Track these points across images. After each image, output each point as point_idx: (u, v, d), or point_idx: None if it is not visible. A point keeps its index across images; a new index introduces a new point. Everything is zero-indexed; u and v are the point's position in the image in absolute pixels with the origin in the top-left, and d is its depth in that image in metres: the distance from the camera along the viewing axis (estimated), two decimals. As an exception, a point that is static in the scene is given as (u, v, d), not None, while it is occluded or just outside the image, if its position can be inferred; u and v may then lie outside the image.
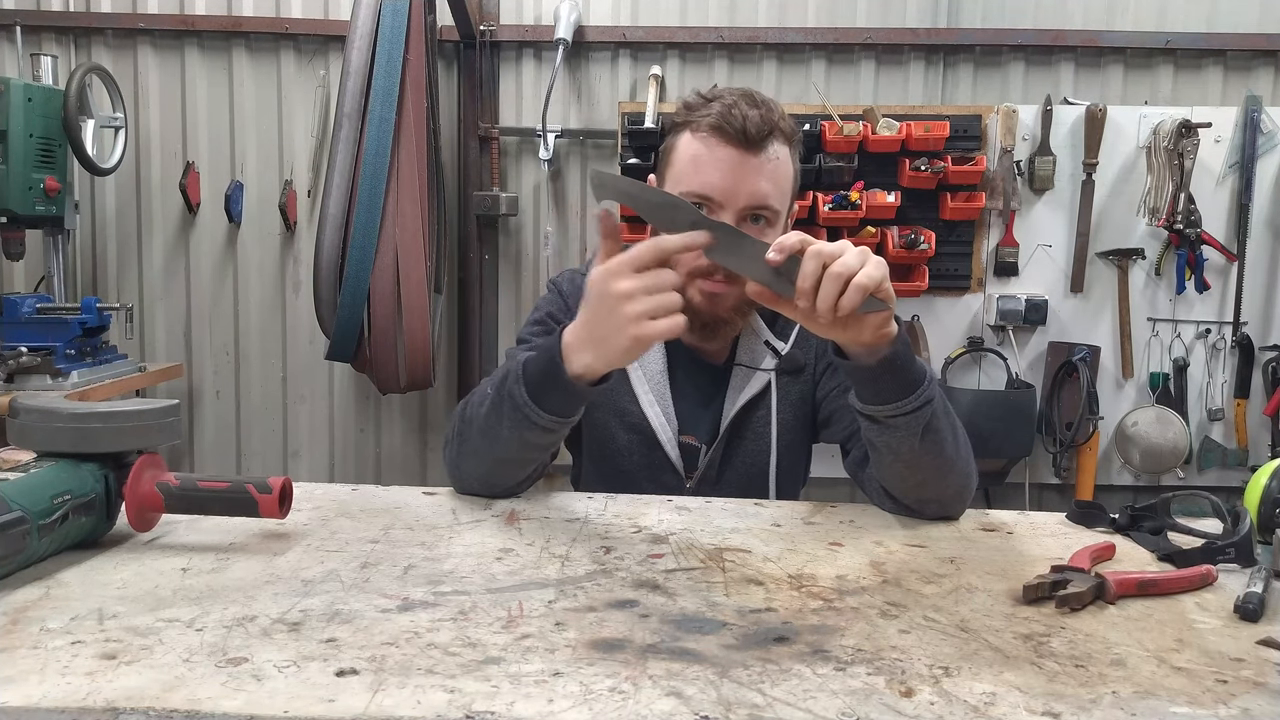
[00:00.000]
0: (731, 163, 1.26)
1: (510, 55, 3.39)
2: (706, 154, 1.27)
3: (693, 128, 1.29)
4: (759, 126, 1.26)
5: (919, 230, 3.11)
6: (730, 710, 0.65)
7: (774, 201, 1.29)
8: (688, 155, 1.29)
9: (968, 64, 3.35)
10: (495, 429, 1.16)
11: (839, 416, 1.36)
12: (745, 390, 1.39)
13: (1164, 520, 1.12)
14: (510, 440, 1.15)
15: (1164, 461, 3.27)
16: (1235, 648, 0.79)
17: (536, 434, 1.14)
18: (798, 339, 1.40)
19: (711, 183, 1.26)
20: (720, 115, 1.26)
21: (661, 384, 1.39)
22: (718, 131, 1.26)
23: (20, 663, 0.70)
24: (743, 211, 1.27)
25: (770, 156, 1.28)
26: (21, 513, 0.84)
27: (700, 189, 1.26)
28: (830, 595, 0.89)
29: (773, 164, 1.28)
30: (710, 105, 1.29)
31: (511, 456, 1.18)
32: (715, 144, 1.27)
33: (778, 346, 1.40)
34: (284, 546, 0.99)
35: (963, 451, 1.19)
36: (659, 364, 1.39)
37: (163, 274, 3.48)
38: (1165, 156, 3.12)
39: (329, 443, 3.54)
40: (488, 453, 1.18)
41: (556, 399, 1.10)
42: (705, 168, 1.26)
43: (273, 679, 0.68)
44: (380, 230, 2.83)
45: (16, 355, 2.61)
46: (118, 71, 3.21)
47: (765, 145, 1.27)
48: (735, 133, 1.25)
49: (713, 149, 1.27)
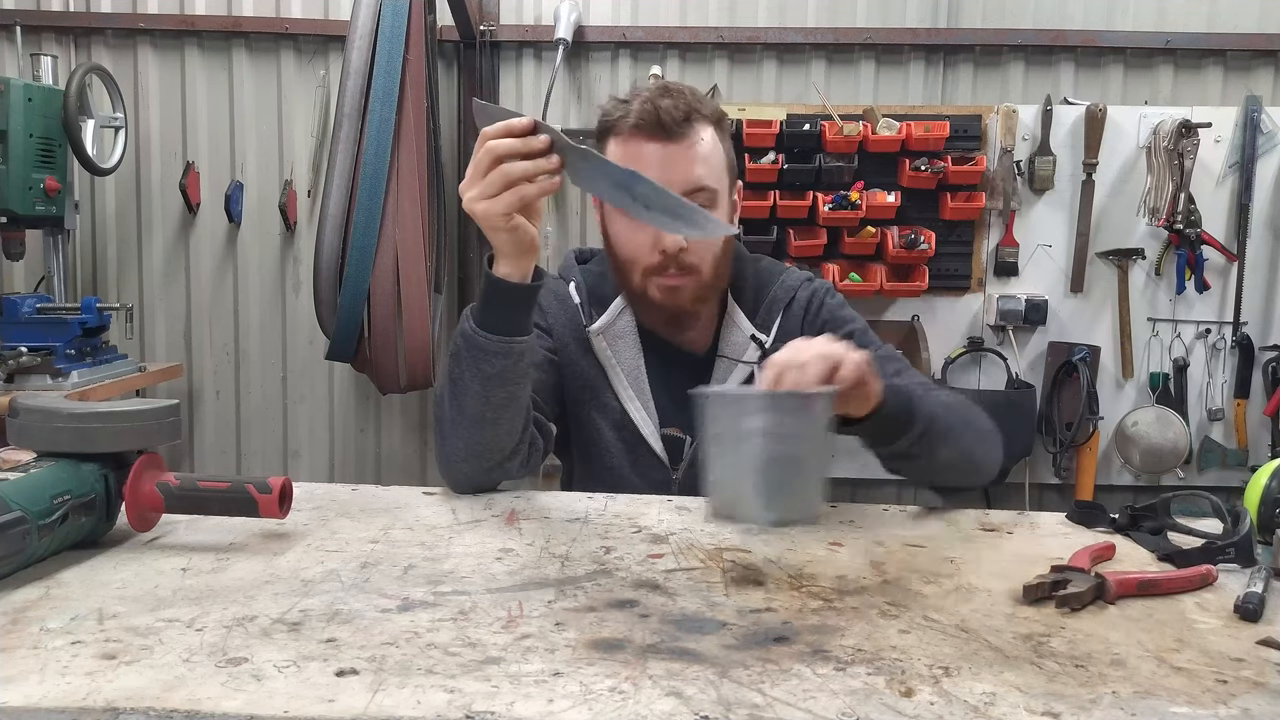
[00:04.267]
0: (658, 156, 1.28)
1: (510, 55, 3.39)
2: (632, 153, 1.29)
3: (615, 132, 1.32)
4: (674, 114, 1.28)
5: (919, 230, 3.12)
6: (730, 710, 0.65)
7: (709, 181, 1.31)
8: (617, 158, 1.31)
9: (968, 64, 3.36)
10: (459, 382, 1.18)
11: None
12: (728, 383, 1.40)
13: (1164, 520, 1.12)
14: (474, 384, 1.16)
15: (1164, 461, 3.27)
16: (1235, 648, 0.79)
17: (492, 363, 1.15)
18: (781, 332, 1.41)
19: None
20: (637, 113, 1.29)
21: (639, 378, 1.40)
22: (639, 130, 1.29)
23: (20, 663, 0.70)
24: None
25: (694, 140, 1.30)
26: (21, 513, 0.84)
27: None
28: (830, 595, 0.89)
29: (699, 145, 1.30)
30: (628, 105, 1.31)
31: (481, 405, 1.18)
32: (640, 142, 1.29)
33: (761, 339, 1.40)
34: (284, 546, 0.99)
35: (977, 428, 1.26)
36: (635, 359, 1.41)
37: (163, 274, 3.48)
38: (1165, 156, 3.12)
39: (329, 443, 3.54)
40: (459, 415, 1.19)
41: (496, 315, 1.14)
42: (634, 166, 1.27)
43: (273, 679, 0.68)
44: (380, 230, 2.83)
45: (16, 355, 2.61)
46: (118, 71, 3.21)
47: (687, 131, 1.29)
48: (653, 126, 1.28)
49: (639, 147, 1.29)
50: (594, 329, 1.40)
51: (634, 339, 1.41)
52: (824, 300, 1.45)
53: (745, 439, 0.94)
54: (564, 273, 1.49)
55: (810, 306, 1.44)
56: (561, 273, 1.50)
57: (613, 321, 1.41)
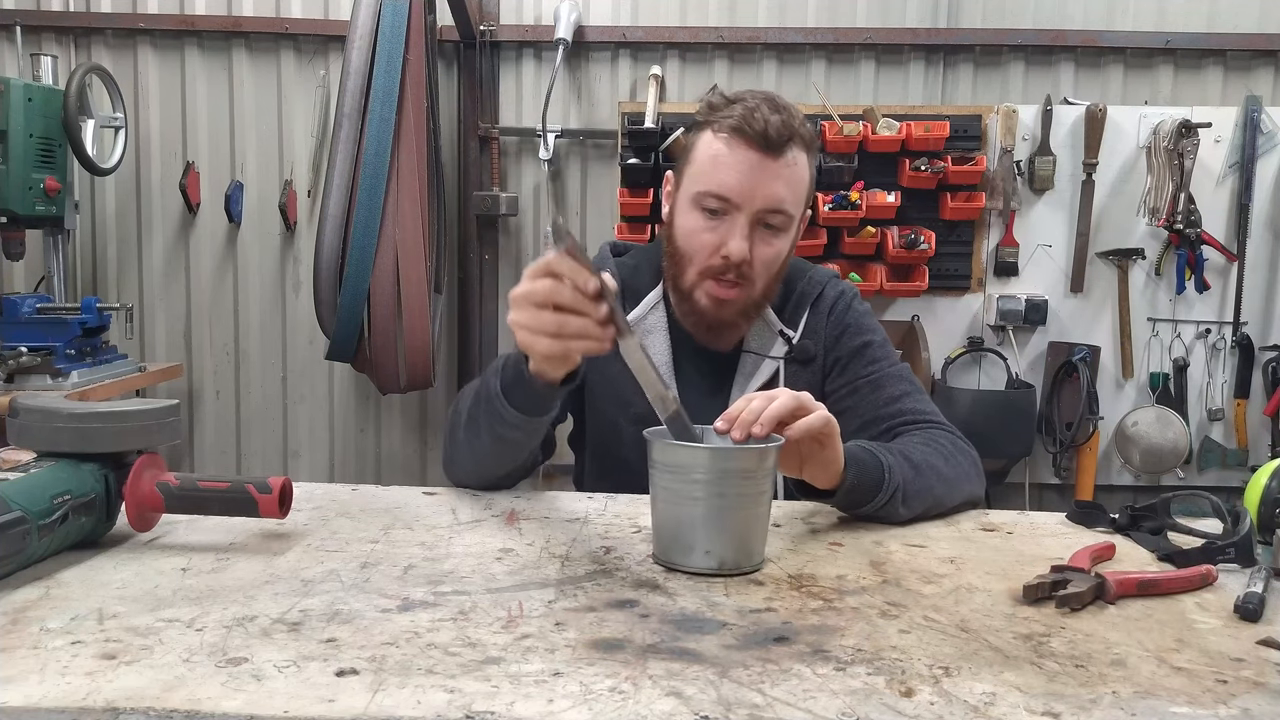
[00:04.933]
0: (750, 164, 1.26)
1: (510, 55, 3.40)
2: (726, 154, 1.27)
3: (714, 127, 1.29)
4: (780, 130, 1.26)
5: (919, 230, 3.12)
6: (730, 710, 0.65)
7: (789, 206, 1.29)
8: (708, 154, 1.29)
9: (968, 64, 3.36)
10: (476, 423, 1.19)
11: (847, 415, 1.36)
12: (754, 378, 1.39)
13: (1164, 520, 1.12)
14: (486, 436, 1.18)
15: (1164, 461, 3.27)
16: (1235, 648, 0.79)
17: (507, 430, 1.16)
18: (807, 329, 1.40)
19: (729, 183, 1.27)
20: (742, 117, 1.26)
21: (667, 374, 1.39)
22: (738, 133, 1.27)
23: (20, 663, 0.70)
24: (758, 214, 1.28)
25: (789, 161, 1.28)
26: (21, 513, 0.84)
27: (717, 188, 1.27)
28: (830, 595, 0.89)
29: (790, 169, 1.29)
30: (733, 106, 1.29)
31: (490, 452, 1.21)
32: (735, 145, 1.27)
33: (788, 334, 1.40)
34: (284, 546, 0.99)
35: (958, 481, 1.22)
36: (664, 354, 1.39)
37: (163, 274, 3.48)
38: (1165, 156, 3.12)
39: (329, 443, 3.55)
40: (469, 447, 1.22)
41: (522, 396, 1.12)
42: (724, 168, 1.27)
43: (273, 679, 0.68)
44: (380, 230, 2.83)
45: (16, 355, 2.61)
46: (118, 71, 3.21)
47: (785, 150, 1.27)
48: (756, 135, 1.26)
49: (733, 149, 1.27)
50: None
51: (664, 334, 1.40)
52: (850, 304, 1.44)
53: (688, 488, 0.95)
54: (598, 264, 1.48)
55: (836, 306, 1.43)
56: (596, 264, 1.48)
57: (644, 316, 1.41)
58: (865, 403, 1.35)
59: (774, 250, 1.31)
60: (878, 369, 1.37)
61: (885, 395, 1.35)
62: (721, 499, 0.94)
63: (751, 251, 1.28)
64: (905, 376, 1.38)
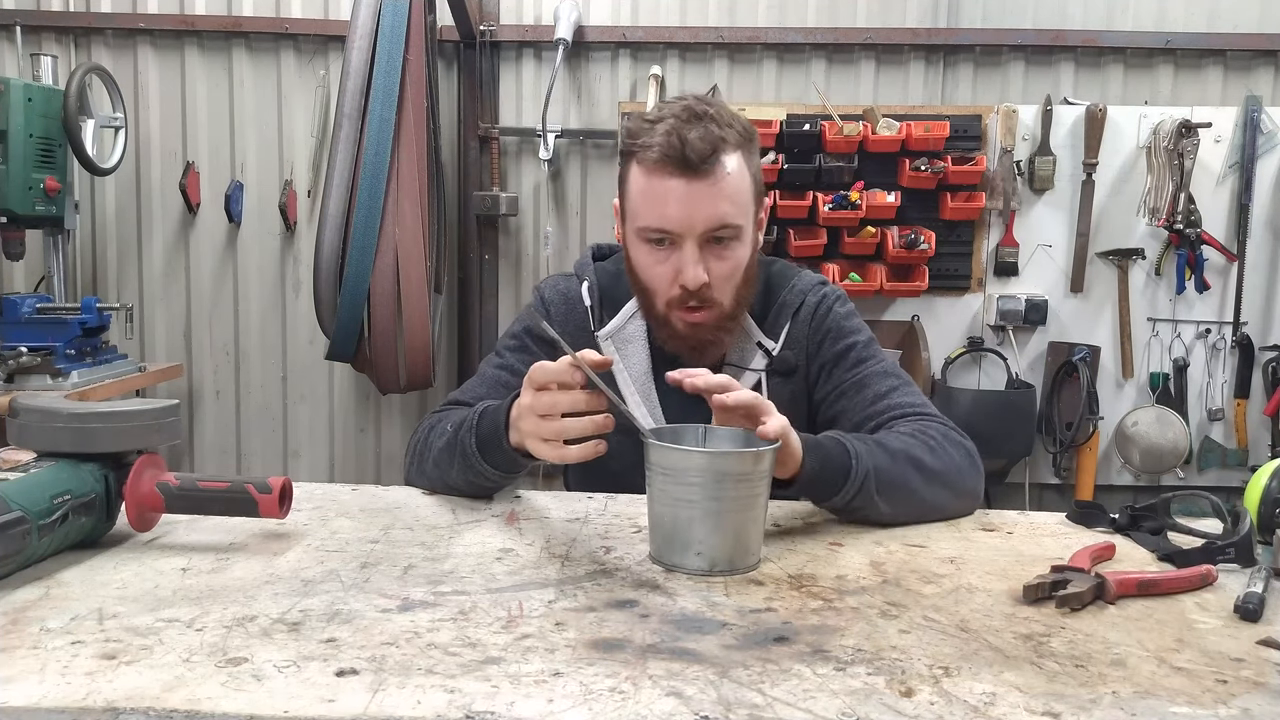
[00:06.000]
0: (680, 193, 1.23)
1: (510, 55, 3.40)
2: (655, 187, 1.24)
3: (638, 159, 1.26)
4: (700, 149, 1.22)
5: (919, 230, 3.12)
6: (730, 710, 0.65)
7: (733, 218, 1.26)
8: (638, 189, 1.27)
9: (968, 64, 3.36)
10: (448, 466, 1.22)
11: (838, 420, 1.35)
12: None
13: (1164, 520, 1.12)
14: (460, 480, 1.22)
15: (1164, 461, 3.27)
16: (1235, 648, 0.79)
17: (483, 480, 1.20)
18: (789, 339, 1.39)
19: (665, 215, 1.24)
20: (661, 147, 1.23)
21: (646, 384, 1.38)
22: (663, 164, 1.23)
23: (20, 663, 0.70)
24: (703, 236, 1.25)
25: (720, 175, 1.24)
26: (21, 513, 0.84)
27: (657, 223, 1.25)
28: (830, 595, 0.89)
29: (724, 181, 1.24)
30: (653, 130, 1.25)
31: (463, 490, 1.24)
32: (661, 175, 1.24)
33: (768, 346, 1.39)
34: (284, 546, 0.99)
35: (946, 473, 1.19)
36: (643, 365, 1.39)
37: (163, 274, 3.48)
38: (1165, 156, 3.12)
39: (329, 443, 3.54)
40: (440, 479, 1.25)
41: (499, 458, 1.15)
42: (656, 202, 1.24)
43: (273, 679, 0.68)
44: (380, 230, 2.83)
45: (16, 355, 2.61)
46: (118, 71, 3.21)
47: (713, 166, 1.23)
48: (677, 162, 1.22)
49: (660, 181, 1.24)
50: (602, 334, 1.39)
51: (643, 343, 1.39)
52: (831, 308, 1.41)
53: (684, 490, 0.95)
54: (579, 270, 1.47)
55: (817, 313, 1.40)
56: (577, 270, 1.47)
57: (622, 325, 1.39)
58: (853, 404, 1.33)
59: (731, 263, 1.28)
60: (863, 369, 1.35)
61: (872, 393, 1.33)
62: (717, 501, 0.94)
63: (709, 271, 1.26)
64: (892, 372, 1.36)
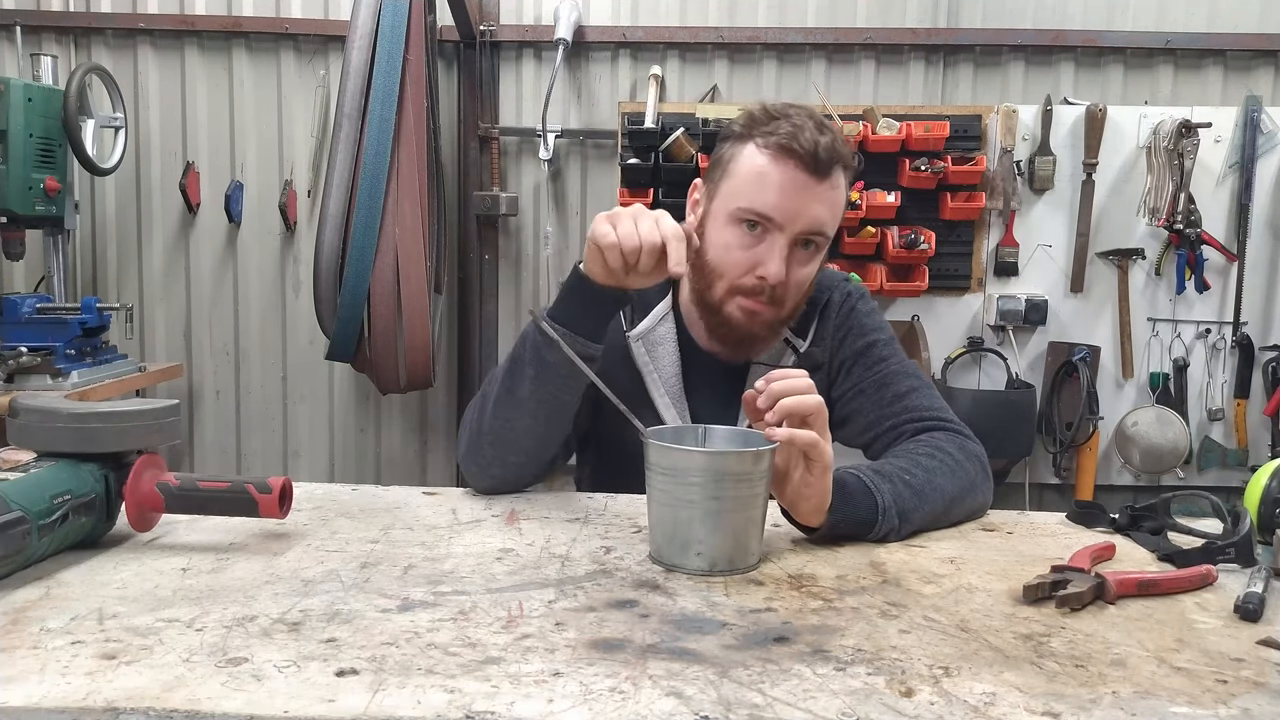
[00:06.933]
0: (796, 185, 1.23)
1: (510, 55, 3.39)
2: (772, 172, 1.24)
3: (758, 142, 1.25)
4: (828, 153, 1.23)
5: (919, 230, 3.11)
6: (730, 710, 0.65)
7: (828, 229, 1.28)
8: (751, 169, 1.25)
9: (968, 64, 3.35)
10: (517, 387, 1.18)
11: (854, 418, 1.35)
12: None
13: (1164, 520, 1.12)
14: (530, 386, 1.18)
15: (1164, 461, 3.27)
16: (1235, 648, 0.79)
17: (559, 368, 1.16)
18: (815, 336, 1.39)
19: (773, 202, 1.24)
20: (790, 135, 1.23)
21: (676, 386, 1.38)
22: (786, 151, 1.23)
23: (20, 663, 0.70)
24: (798, 235, 1.25)
25: (833, 184, 1.25)
26: (21, 513, 0.84)
27: (761, 207, 1.24)
28: (830, 595, 0.89)
29: (833, 192, 1.26)
30: (778, 122, 1.25)
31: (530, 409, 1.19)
32: (782, 163, 1.23)
33: (796, 344, 1.39)
34: (284, 546, 0.99)
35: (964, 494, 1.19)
36: (673, 366, 1.38)
37: (163, 274, 3.48)
38: (1165, 156, 3.12)
39: (329, 443, 3.54)
40: (507, 418, 1.20)
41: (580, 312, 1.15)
42: (769, 186, 1.24)
43: (273, 679, 0.68)
44: (380, 230, 2.83)
45: (16, 355, 2.61)
46: (118, 71, 3.21)
47: (830, 173, 1.24)
48: (804, 155, 1.22)
49: (779, 168, 1.23)
50: (633, 335, 1.38)
51: (673, 345, 1.38)
52: (855, 306, 1.41)
53: (684, 490, 0.95)
54: None
55: (841, 310, 1.40)
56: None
57: (653, 327, 1.39)
58: (870, 403, 1.33)
59: (807, 271, 1.29)
60: (883, 368, 1.35)
61: (890, 393, 1.33)
62: (717, 501, 0.94)
63: (787, 273, 1.25)
64: (911, 373, 1.36)
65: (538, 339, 1.16)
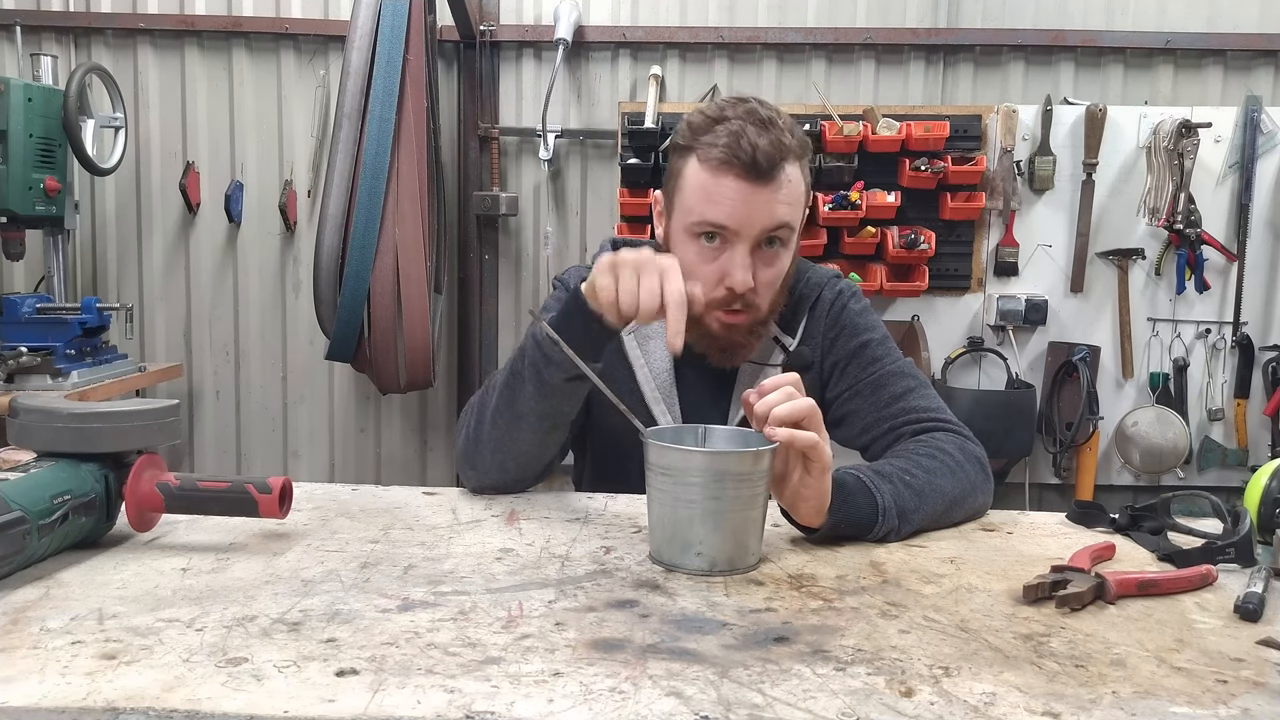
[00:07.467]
0: (744, 195, 1.22)
1: (510, 55, 3.40)
2: (717, 185, 1.22)
3: (699, 155, 1.24)
4: (769, 156, 1.21)
5: (919, 230, 3.12)
6: (730, 710, 0.65)
7: (791, 221, 1.26)
8: (696, 185, 1.24)
9: (968, 64, 3.36)
10: (516, 392, 1.17)
11: (851, 420, 1.35)
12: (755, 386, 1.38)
13: (1164, 520, 1.12)
14: (530, 400, 1.17)
15: (1164, 461, 3.27)
16: (1235, 648, 0.79)
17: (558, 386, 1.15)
18: (805, 334, 1.39)
19: (726, 213, 1.23)
20: (729, 147, 1.21)
21: (668, 384, 1.38)
22: (726, 165, 1.21)
23: (20, 663, 0.70)
24: (758, 238, 1.24)
25: (783, 182, 1.23)
26: (21, 513, 0.84)
27: (715, 219, 1.23)
28: (830, 595, 0.89)
29: (786, 188, 1.24)
30: (716, 130, 1.23)
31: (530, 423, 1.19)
32: (725, 175, 1.22)
33: (785, 342, 1.39)
34: (284, 546, 0.99)
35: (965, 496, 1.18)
36: (665, 364, 1.38)
37: (163, 274, 3.48)
38: (1165, 156, 3.12)
39: (329, 443, 3.54)
40: (506, 428, 1.20)
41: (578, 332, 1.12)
42: (717, 201, 1.23)
43: (273, 679, 0.68)
44: (380, 230, 2.83)
45: (16, 355, 2.61)
46: (118, 71, 3.21)
47: (777, 174, 1.23)
48: (746, 164, 1.21)
49: (724, 180, 1.22)
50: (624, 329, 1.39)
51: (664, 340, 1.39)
52: (846, 304, 1.40)
53: (683, 490, 0.95)
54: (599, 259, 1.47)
55: (832, 309, 1.39)
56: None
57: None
58: (867, 404, 1.33)
59: (777, 268, 1.28)
60: (878, 368, 1.34)
61: (887, 395, 1.32)
62: (717, 501, 0.94)
63: (756, 277, 1.25)
64: (908, 373, 1.35)
65: (536, 356, 1.14)
